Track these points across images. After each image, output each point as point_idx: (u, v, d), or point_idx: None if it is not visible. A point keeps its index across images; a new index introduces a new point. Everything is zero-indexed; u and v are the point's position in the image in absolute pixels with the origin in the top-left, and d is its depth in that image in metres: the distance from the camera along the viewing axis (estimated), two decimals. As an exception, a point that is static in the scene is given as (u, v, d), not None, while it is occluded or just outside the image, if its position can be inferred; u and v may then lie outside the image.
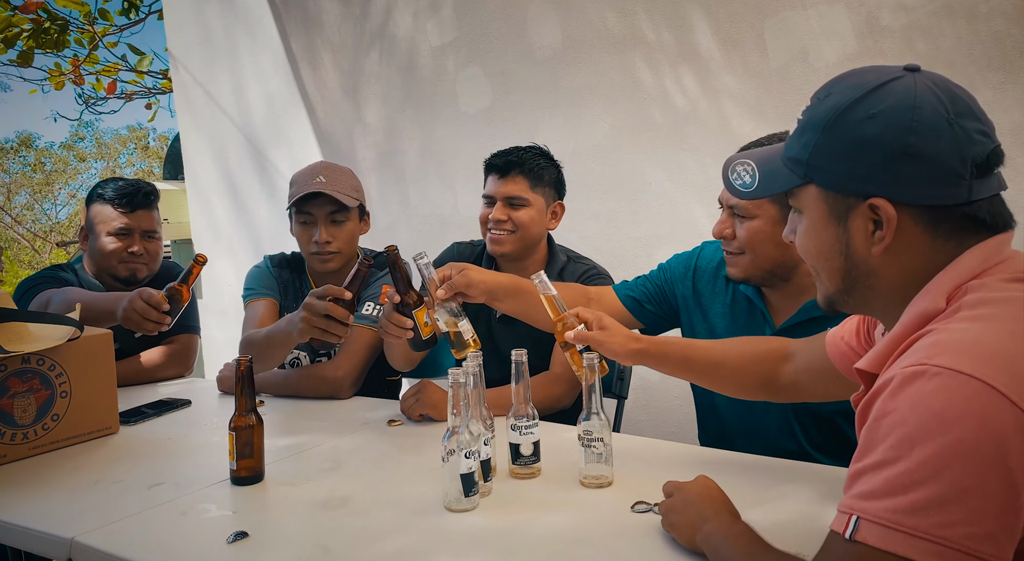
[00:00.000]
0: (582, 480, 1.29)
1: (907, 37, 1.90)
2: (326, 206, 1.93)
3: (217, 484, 1.35)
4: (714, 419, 1.62)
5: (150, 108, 8.61)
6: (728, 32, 2.14)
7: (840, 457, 1.46)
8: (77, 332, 1.63)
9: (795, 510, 1.15)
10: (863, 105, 0.78)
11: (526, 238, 1.83)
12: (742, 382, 1.30)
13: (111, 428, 1.71)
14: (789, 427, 1.48)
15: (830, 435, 1.46)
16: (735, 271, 1.46)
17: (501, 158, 1.83)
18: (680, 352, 1.32)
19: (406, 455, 1.48)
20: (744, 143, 2.16)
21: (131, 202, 2.11)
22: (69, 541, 1.13)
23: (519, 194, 1.80)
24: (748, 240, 1.40)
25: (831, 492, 1.21)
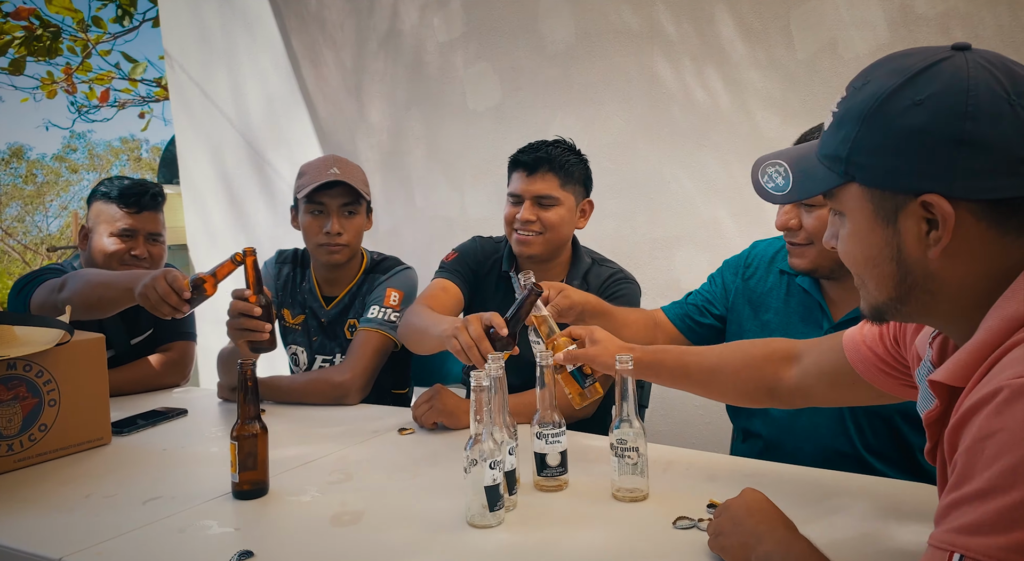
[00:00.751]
0: (615, 493, 1.21)
1: (944, 26, 1.84)
2: (340, 197, 1.91)
3: (218, 498, 1.26)
4: (756, 418, 1.54)
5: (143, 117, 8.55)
6: (752, 24, 2.07)
7: (896, 463, 1.39)
8: (67, 336, 1.54)
9: (852, 528, 1.07)
10: (908, 91, 0.70)
11: (554, 240, 1.76)
12: (742, 388, 1.24)
13: (103, 439, 1.63)
14: (843, 426, 1.41)
15: (887, 437, 1.39)
16: (801, 261, 1.41)
17: (529, 154, 1.75)
18: (675, 360, 1.27)
19: (421, 466, 1.40)
20: (769, 140, 2.11)
21: (138, 202, 2.04)
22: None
23: (549, 193, 1.73)
24: (819, 229, 1.35)
25: (890, 507, 1.12)
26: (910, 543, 1.00)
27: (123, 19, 6.75)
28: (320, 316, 2.06)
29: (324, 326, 2.07)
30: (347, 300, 2.05)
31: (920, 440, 1.37)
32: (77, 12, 6.06)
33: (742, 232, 2.16)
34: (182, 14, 3.29)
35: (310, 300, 2.08)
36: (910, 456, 1.38)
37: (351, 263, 2.06)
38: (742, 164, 2.13)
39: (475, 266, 1.90)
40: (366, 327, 1.92)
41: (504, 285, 1.88)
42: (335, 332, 2.06)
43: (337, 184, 1.90)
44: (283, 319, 2.13)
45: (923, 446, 1.39)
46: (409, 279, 2.04)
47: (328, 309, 2.06)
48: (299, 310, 2.10)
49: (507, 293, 1.87)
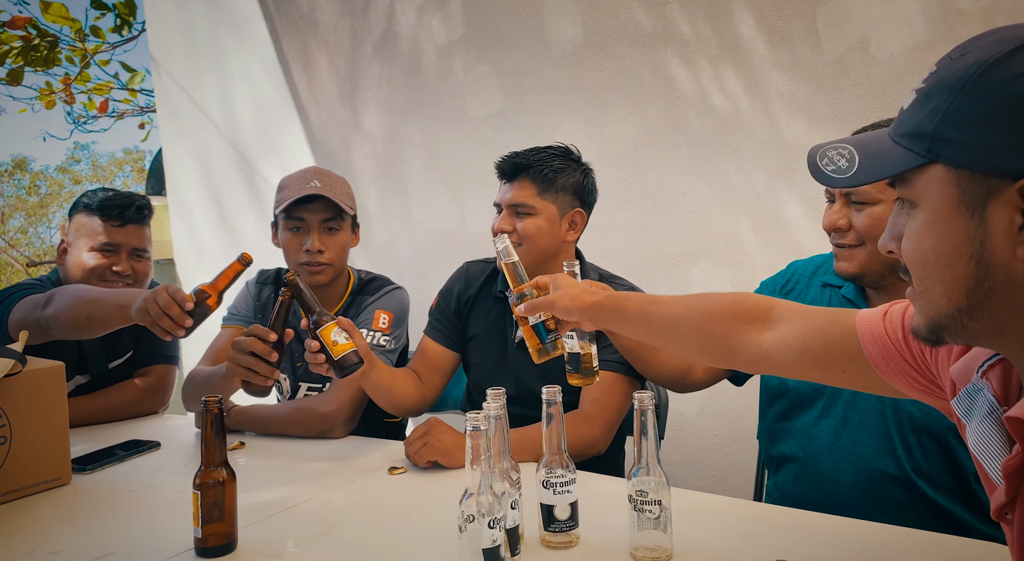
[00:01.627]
0: (633, 552, 1.07)
1: (988, 21, 1.70)
2: (321, 212, 1.81)
3: (179, 555, 1.12)
4: (792, 440, 1.40)
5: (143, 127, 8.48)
6: (774, 22, 1.94)
7: (948, 490, 1.27)
8: (18, 366, 1.40)
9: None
10: (1017, 60, 0.60)
11: (534, 251, 1.62)
12: (702, 344, 1.10)
13: (61, 478, 1.49)
14: (890, 445, 1.29)
15: (938, 458, 1.27)
16: (849, 265, 1.32)
17: (508, 160, 1.64)
18: (638, 308, 1.15)
19: (413, 514, 1.25)
20: (793, 148, 1.97)
21: (122, 215, 1.92)
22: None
23: (523, 201, 1.61)
24: (870, 228, 1.28)
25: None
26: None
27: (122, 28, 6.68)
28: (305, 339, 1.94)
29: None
30: None
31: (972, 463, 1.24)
32: (75, 21, 5.99)
33: (764, 246, 2.02)
34: (169, 19, 3.17)
35: (294, 322, 1.96)
36: (963, 482, 1.26)
37: (337, 283, 1.95)
38: (764, 173, 1.99)
39: (457, 306, 1.80)
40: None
41: (498, 306, 1.74)
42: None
43: (317, 198, 1.79)
44: None
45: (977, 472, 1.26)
46: (399, 300, 1.93)
47: None
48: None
49: (500, 315, 1.74)
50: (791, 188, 1.97)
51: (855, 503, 1.29)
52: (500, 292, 1.73)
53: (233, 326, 1.98)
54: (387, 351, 1.83)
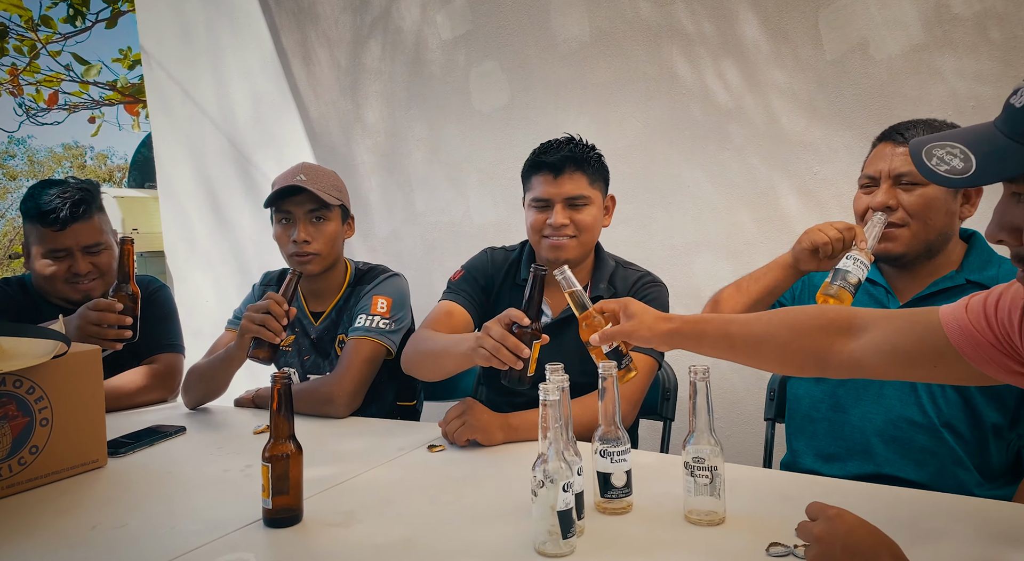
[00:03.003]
0: (687, 515, 1.12)
1: (981, 25, 1.80)
2: (306, 204, 1.86)
3: (246, 528, 1.15)
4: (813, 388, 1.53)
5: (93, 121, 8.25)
6: (777, 22, 2.02)
7: (967, 440, 1.38)
8: (64, 347, 1.40)
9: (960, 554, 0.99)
10: None
11: (588, 242, 1.68)
12: (790, 359, 1.16)
13: (98, 461, 1.50)
14: (915, 396, 1.41)
15: (959, 408, 1.39)
16: (895, 245, 1.44)
17: (554, 154, 1.65)
18: (718, 330, 1.18)
19: (464, 487, 1.29)
20: (795, 144, 2.06)
21: (58, 219, 1.84)
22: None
23: (580, 193, 1.64)
24: (921, 207, 1.40)
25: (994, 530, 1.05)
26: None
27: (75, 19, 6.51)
28: (310, 333, 1.99)
29: (315, 343, 1.99)
30: (334, 315, 1.98)
31: (993, 415, 1.35)
32: (26, 11, 5.82)
33: (766, 238, 2.10)
34: (161, 9, 3.13)
35: (300, 318, 2.00)
36: (982, 434, 1.38)
37: (334, 274, 1.99)
38: (766, 167, 2.07)
39: (485, 282, 1.81)
40: (354, 336, 1.85)
41: (518, 293, 1.79)
42: (325, 350, 1.98)
43: (300, 191, 1.83)
44: None
45: (996, 422, 1.36)
46: (397, 285, 1.97)
47: (317, 325, 1.98)
48: (288, 331, 1.99)
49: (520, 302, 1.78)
50: (791, 182, 2.06)
51: (883, 448, 1.40)
52: (523, 280, 1.77)
53: (232, 330, 2.00)
54: (388, 332, 1.87)
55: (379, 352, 1.85)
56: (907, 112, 1.83)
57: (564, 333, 1.69)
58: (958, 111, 1.82)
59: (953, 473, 1.38)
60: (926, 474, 1.38)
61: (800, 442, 1.55)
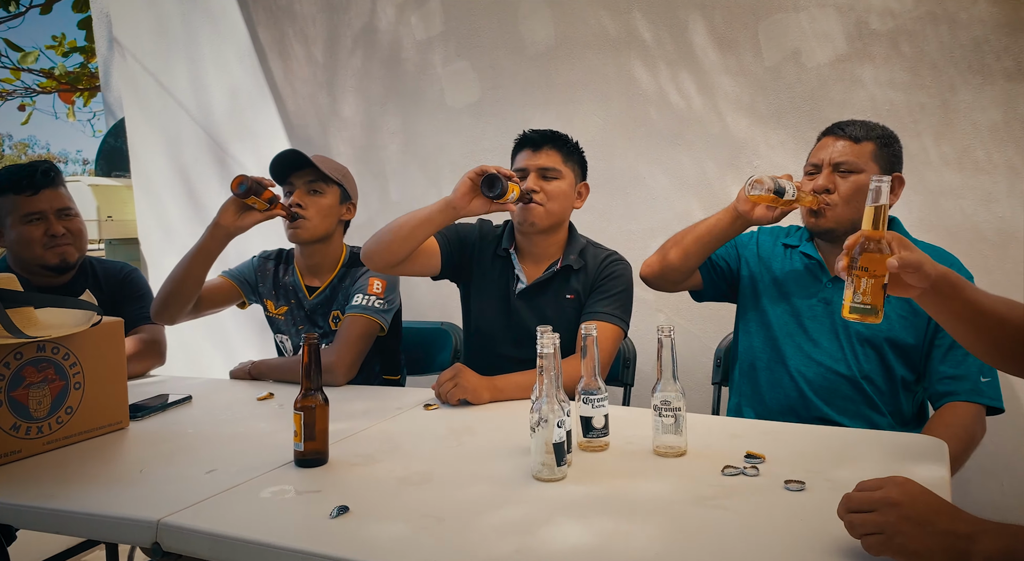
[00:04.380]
0: (656, 449, 1.33)
1: (893, 41, 2.06)
2: (306, 175, 2.00)
3: (279, 468, 1.30)
4: (757, 343, 1.78)
5: (23, 109, 8.05)
6: (723, 33, 2.25)
7: (881, 391, 1.65)
8: (98, 318, 1.53)
9: (876, 470, 1.22)
10: None
11: (556, 211, 1.86)
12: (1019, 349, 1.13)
13: (121, 423, 1.62)
14: (841, 353, 1.66)
15: (877, 363, 1.64)
16: (825, 220, 1.66)
17: (536, 132, 1.89)
18: (972, 293, 1.13)
19: (463, 436, 1.47)
20: (739, 141, 2.28)
21: (32, 183, 1.98)
22: (155, 524, 1.06)
23: (552, 165, 1.85)
24: (852, 191, 1.63)
25: (902, 453, 1.29)
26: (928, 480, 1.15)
27: (8, 4, 6.37)
28: (305, 306, 2.12)
29: (308, 315, 2.12)
30: (328, 291, 2.10)
31: (903, 371, 1.61)
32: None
33: (712, 224, 2.32)
34: (136, 5, 3.19)
35: (295, 291, 2.14)
36: (894, 384, 1.65)
37: (330, 252, 2.11)
38: (714, 162, 2.30)
39: (466, 234, 1.98)
40: (351, 313, 1.99)
41: (501, 263, 1.97)
42: (318, 321, 2.11)
43: (302, 162, 1.97)
44: (267, 309, 2.17)
45: (905, 376, 1.61)
46: None
47: (311, 298, 2.11)
48: (283, 301, 2.16)
49: (503, 271, 1.97)
50: (735, 174, 2.29)
51: (813, 396, 1.65)
52: (504, 250, 1.95)
53: (226, 277, 2.15)
54: (381, 311, 2.00)
55: (373, 328, 1.99)
56: (833, 114, 2.07)
57: (541, 295, 1.89)
58: (876, 114, 2.07)
59: (869, 417, 1.63)
60: (848, 418, 1.62)
61: (744, 393, 1.78)
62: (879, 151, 1.67)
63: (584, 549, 0.96)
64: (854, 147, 1.66)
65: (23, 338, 1.36)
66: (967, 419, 1.56)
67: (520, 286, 1.92)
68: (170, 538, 1.06)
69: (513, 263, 1.94)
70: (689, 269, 1.83)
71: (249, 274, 2.18)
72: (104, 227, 3.32)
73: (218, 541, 1.03)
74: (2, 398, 1.38)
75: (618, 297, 1.86)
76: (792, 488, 1.13)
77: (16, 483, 1.28)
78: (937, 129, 2.04)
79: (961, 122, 2.02)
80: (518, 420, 1.49)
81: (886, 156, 1.68)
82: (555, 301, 1.89)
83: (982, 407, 1.58)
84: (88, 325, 1.49)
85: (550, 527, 1.02)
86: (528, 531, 1.01)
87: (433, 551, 0.96)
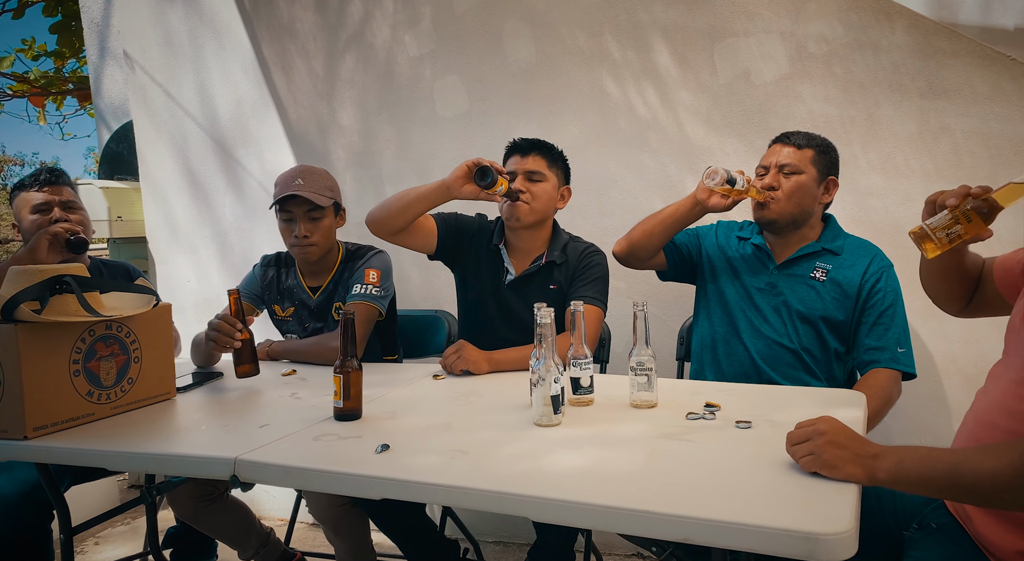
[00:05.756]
0: (632, 403, 1.58)
1: (828, 63, 2.34)
2: (303, 205, 2.13)
3: (321, 422, 1.52)
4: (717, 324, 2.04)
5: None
6: (683, 53, 2.51)
7: (818, 360, 1.91)
8: (154, 300, 1.73)
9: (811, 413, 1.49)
10: None
11: (539, 209, 2.07)
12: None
13: (169, 394, 1.82)
14: (784, 328, 1.92)
15: (814, 338, 1.91)
16: (769, 212, 1.93)
17: (525, 140, 2.12)
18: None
19: (470, 398, 1.70)
20: (697, 148, 2.55)
21: (43, 180, 2.25)
22: (233, 460, 1.28)
23: (537, 168, 2.07)
24: (793, 189, 1.90)
25: (832, 402, 1.57)
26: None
27: None
28: (309, 304, 2.27)
29: (313, 312, 2.27)
30: (331, 287, 2.26)
31: (835, 343, 1.89)
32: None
33: (675, 221, 2.59)
34: (143, 19, 3.36)
35: (298, 292, 2.29)
36: (828, 354, 1.92)
37: (329, 256, 2.27)
38: (675, 166, 2.57)
39: (464, 224, 2.20)
40: (352, 301, 2.14)
41: (491, 257, 2.17)
42: (324, 316, 2.27)
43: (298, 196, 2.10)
44: (275, 313, 2.33)
45: (837, 348, 1.90)
46: (383, 260, 2.28)
47: (315, 297, 2.26)
48: (289, 303, 2.30)
49: (492, 262, 2.16)
50: (694, 177, 2.55)
51: (763, 363, 1.91)
52: (494, 246, 2.16)
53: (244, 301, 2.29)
54: (379, 297, 2.16)
55: (373, 314, 2.16)
56: (778, 125, 2.35)
57: (528, 285, 2.12)
58: (814, 125, 2.35)
59: (808, 382, 1.90)
60: (790, 382, 1.89)
61: (705, 361, 2.05)
62: (818, 157, 1.95)
63: (580, 469, 1.21)
64: (797, 152, 1.94)
65: (98, 317, 1.57)
66: (887, 382, 1.83)
67: (509, 277, 2.14)
68: (245, 470, 1.28)
69: (503, 257, 2.17)
70: (654, 248, 2.07)
71: (255, 287, 2.32)
72: (114, 227, 3.48)
73: (288, 471, 1.26)
74: (80, 368, 1.58)
75: (597, 283, 2.08)
76: (741, 426, 1.39)
77: (102, 438, 1.48)
78: (864, 139, 2.34)
79: (884, 133, 2.32)
80: (517, 386, 1.73)
81: (824, 161, 1.96)
82: (540, 291, 2.10)
83: (898, 373, 1.86)
84: (149, 307, 1.70)
85: (552, 456, 1.27)
86: (535, 458, 1.25)
87: (465, 472, 1.20)
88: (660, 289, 2.46)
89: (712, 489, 1.09)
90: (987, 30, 3.11)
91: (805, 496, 1.05)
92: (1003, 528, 1.13)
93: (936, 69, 2.24)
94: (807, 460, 1.12)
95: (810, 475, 1.11)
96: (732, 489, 1.08)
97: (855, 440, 1.12)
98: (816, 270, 1.92)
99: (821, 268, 1.92)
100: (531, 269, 2.12)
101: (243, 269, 2.57)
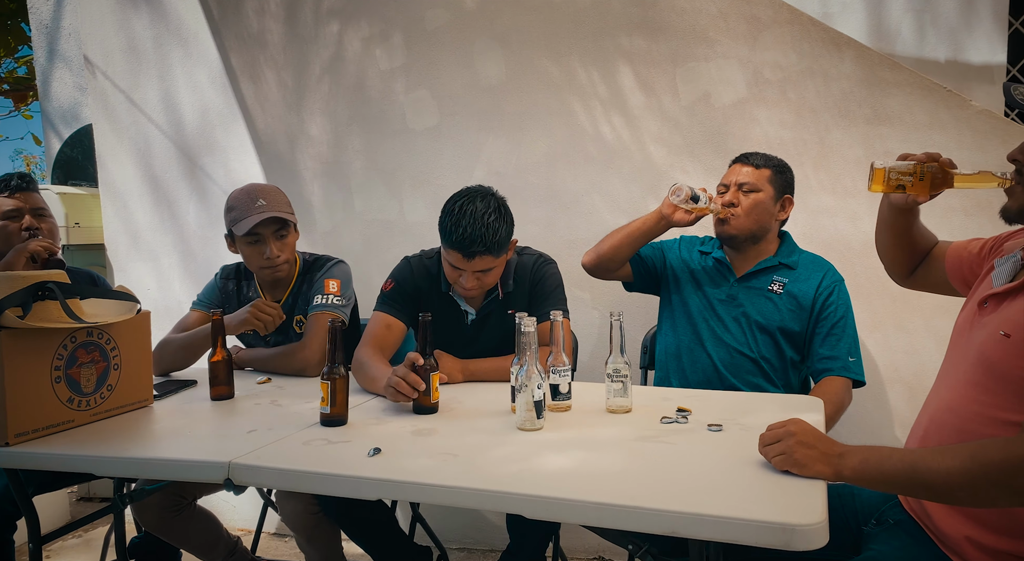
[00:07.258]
0: (608, 408, 1.65)
1: (782, 88, 2.48)
2: (272, 225, 2.13)
3: (309, 428, 1.54)
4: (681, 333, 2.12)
5: None
6: (646, 78, 2.62)
7: (775, 367, 2.01)
8: (136, 307, 1.72)
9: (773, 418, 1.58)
10: None
11: (492, 283, 1.97)
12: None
13: (147, 401, 1.81)
14: (744, 338, 2.02)
15: (771, 347, 2.01)
16: (729, 228, 2.03)
17: (465, 248, 1.84)
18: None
19: (451, 404, 1.74)
20: (658, 167, 2.65)
21: (8, 186, 2.24)
22: (227, 464, 1.30)
23: (486, 267, 1.88)
24: (752, 206, 2.01)
25: (790, 407, 1.66)
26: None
27: None
28: None
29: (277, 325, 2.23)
30: (291, 300, 2.26)
31: (791, 352, 2.00)
32: None
33: (637, 236, 2.68)
34: (106, 25, 3.30)
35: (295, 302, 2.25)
36: (784, 362, 2.02)
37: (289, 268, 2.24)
38: (638, 185, 2.66)
39: (413, 292, 2.03)
40: (314, 311, 2.13)
41: (446, 303, 2.04)
42: (285, 330, 2.24)
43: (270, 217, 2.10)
44: None
45: (793, 357, 1.99)
46: (343, 270, 2.28)
47: None
48: None
49: (448, 309, 2.04)
50: (656, 195, 2.65)
51: (725, 371, 2.00)
52: (445, 291, 2.03)
53: (198, 311, 2.29)
54: (341, 307, 2.15)
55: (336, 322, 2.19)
56: (736, 147, 2.47)
57: (490, 320, 2.06)
58: (769, 147, 2.48)
59: (766, 389, 2.00)
60: (750, 389, 1.99)
61: (671, 369, 2.14)
62: (775, 176, 2.06)
63: (567, 469, 1.26)
64: (755, 172, 2.05)
65: (82, 323, 1.56)
66: (840, 389, 1.95)
67: (470, 317, 2.06)
68: (240, 474, 1.29)
69: (457, 301, 2.04)
70: (621, 260, 2.15)
71: (216, 298, 2.31)
72: (72, 233, 3.39)
73: (284, 474, 1.28)
74: (61, 375, 1.56)
75: (557, 291, 2.05)
76: (713, 429, 1.47)
77: (86, 444, 1.47)
78: (815, 161, 2.48)
79: (833, 156, 2.46)
80: (498, 394, 1.77)
81: (780, 181, 2.07)
82: (502, 320, 2.04)
83: (849, 381, 1.97)
84: (132, 314, 1.69)
85: (538, 458, 1.32)
86: (523, 460, 1.30)
87: (456, 473, 1.24)
88: (625, 300, 2.55)
89: (693, 486, 1.16)
90: (922, 62, 3.32)
91: (779, 492, 1.12)
92: (952, 517, 1.24)
93: (880, 97, 2.39)
94: (779, 459, 1.19)
95: (781, 473, 1.19)
96: (711, 486, 1.15)
97: (823, 440, 1.20)
98: (774, 283, 2.03)
99: (778, 281, 2.03)
100: (486, 309, 2.06)
101: (205, 277, 2.55)
